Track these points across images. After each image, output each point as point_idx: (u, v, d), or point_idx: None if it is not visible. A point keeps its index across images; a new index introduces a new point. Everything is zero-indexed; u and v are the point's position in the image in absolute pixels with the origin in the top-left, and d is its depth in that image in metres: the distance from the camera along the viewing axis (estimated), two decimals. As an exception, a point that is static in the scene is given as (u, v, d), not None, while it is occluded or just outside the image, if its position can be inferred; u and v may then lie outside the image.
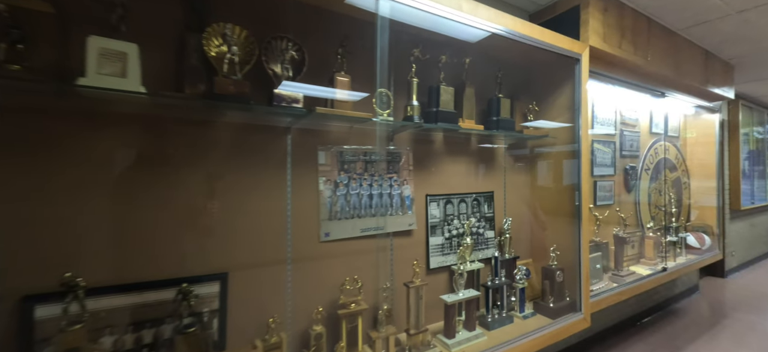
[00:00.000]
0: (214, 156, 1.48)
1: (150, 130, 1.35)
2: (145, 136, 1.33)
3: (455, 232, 2.20)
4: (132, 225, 1.32)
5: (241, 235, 1.53)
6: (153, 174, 1.35)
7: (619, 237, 2.99)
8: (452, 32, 1.89)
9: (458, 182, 2.24)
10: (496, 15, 1.86)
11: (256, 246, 1.56)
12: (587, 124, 2.27)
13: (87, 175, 1.25)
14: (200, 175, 1.45)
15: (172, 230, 1.39)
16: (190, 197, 1.43)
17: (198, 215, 1.45)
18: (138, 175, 1.33)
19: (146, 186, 1.34)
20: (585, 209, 2.24)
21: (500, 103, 2.20)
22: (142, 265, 1.34)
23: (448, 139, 2.19)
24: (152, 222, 1.35)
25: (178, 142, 1.40)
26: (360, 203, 1.85)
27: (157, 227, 1.36)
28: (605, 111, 3.17)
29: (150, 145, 1.35)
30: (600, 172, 3.13)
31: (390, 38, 1.89)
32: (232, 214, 1.51)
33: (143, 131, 1.33)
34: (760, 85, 4.74)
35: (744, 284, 4.96)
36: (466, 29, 1.83)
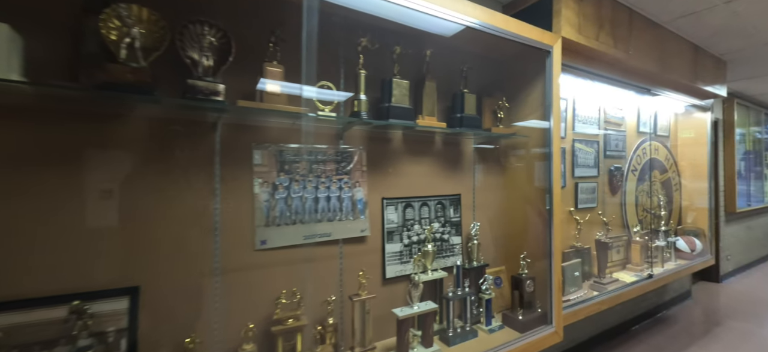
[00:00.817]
0: (126, 154, 1.32)
1: (40, 125, 1.19)
2: (30, 131, 1.17)
3: (416, 238, 2.03)
4: (18, 233, 1.16)
5: (158, 244, 1.37)
6: (44, 174, 1.19)
7: (601, 242, 2.82)
8: (409, 20, 1.73)
9: (420, 184, 2.07)
10: (458, 2, 1.69)
11: (176, 256, 1.40)
12: (559, 122, 2.10)
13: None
14: (107, 175, 1.29)
15: (73, 239, 1.23)
16: (95, 201, 1.27)
17: (104, 221, 1.28)
18: (23, 175, 1.17)
19: (36, 188, 1.18)
20: (557, 213, 2.07)
21: (464, 98, 2.03)
22: (33, 278, 1.17)
23: (408, 137, 2.03)
24: (44, 229, 1.19)
25: (77, 138, 1.24)
26: (303, 207, 1.69)
27: (53, 235, 1.20)
28: (588, 109, 3.01)
29: (39, 142, 1.18)
30: (582, 174, 2.96)
31: (340, 28, 1.74)
32: (146, 220, 1.35)
33: (28, 126, 1.17)
34: (756, 83, 4.56)
35: (739, 289, 4.78)
36: (427, 18, 1.67)
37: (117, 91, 1.12)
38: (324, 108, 1.58)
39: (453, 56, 2.11)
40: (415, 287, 1.76)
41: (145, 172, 1.34)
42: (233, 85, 1.47)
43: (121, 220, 1.30)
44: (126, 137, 1.32)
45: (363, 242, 1.86)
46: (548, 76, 2.08)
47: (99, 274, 1.27)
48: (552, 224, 2.05)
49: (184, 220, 1.42)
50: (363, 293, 1.63)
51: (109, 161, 1.29)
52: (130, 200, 1.32)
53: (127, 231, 1.31)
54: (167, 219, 1.39)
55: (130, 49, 1.17)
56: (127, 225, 1.31)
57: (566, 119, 2.83)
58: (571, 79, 2.62)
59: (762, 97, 5.31)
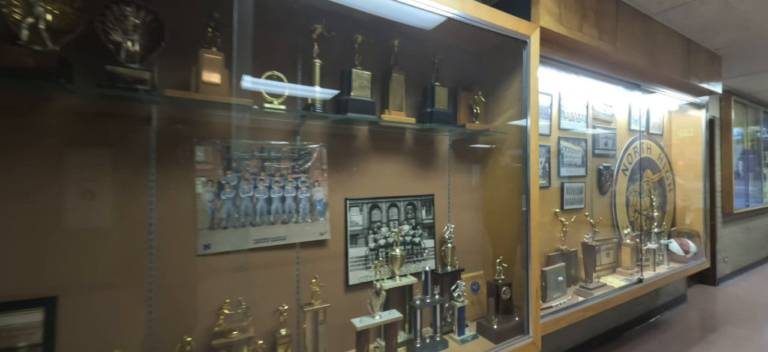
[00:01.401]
0: (42, 150, 1.19)
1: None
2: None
3: (383, 241, 1.90)
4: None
5: (82, 249, 1.24)
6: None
7: (588, 245, 2.68)
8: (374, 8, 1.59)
9: (389, 184, 1.94)
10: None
11: (103, 263, 1.27)
12: (537, 118, 1.97)
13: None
14: (19, 174, 1.16)
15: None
16: (6, 204, 1.14)
17: (14, 224, 1.15)
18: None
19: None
20: (535, 214, 1.94)
21: (435, 92, 1.90)
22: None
23: (375, 134, 1.90)
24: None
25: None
26: (254, 208, 1.55)
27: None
28: (575, 105, 2.87)
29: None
30: (568, 173, 2.82)
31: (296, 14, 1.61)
32: (67, 223, 1.22)
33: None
34: (753, 80, 4.42)
35: (737, 293, 4.63)
36: (393, 4, 1.53)
37: (12, 76, 0.99)
38: (273, 100, 1.44)
39: (425, 48, 1.98)
40: (377, 294, 1.63)
41: (64, 170, 1.21)
42: (169, 75, 1.35)
43: (35, 223, 1.17)
44: (43, 130, 1.19)
45: (323, 246, 1.73)
46: (526, 68, 1.95)
47: (8, 283, 1.13)
48: (529, 227, 1.91)
49: (113, 223, 1.29)
50: (316, 302, 1.50)
51: (19, 158, 1.16)
52: (48, 201, 1.19)
53: (43, 235, 1.18)
54: (93, 222, 1.26)
55: (33, 30, 1.04)
56: (42, 229, 1.18)
57: (551, 116, 2.69)
58: (554, 73, 2.49)
59: (760, 94, 5.17)
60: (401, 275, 1.88)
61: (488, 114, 2.21)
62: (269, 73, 1.44)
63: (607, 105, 3.13)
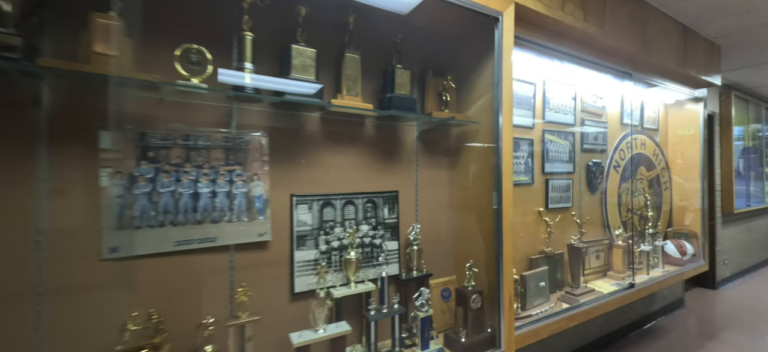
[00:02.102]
0: None
1: None
2: None
3: (337, 243, 1.68)
4: None
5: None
6: None
7: (574, 247, 2.47)
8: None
9: (344, 179, 1.73)
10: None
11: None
12: (510, 106, 1.75)
13: None
14: None
15: None
16: None
17: None
18: None
19: None
20: (507, 214, 1.72)
21: (395, 75, 1.69)
22: None
23: (329, 121, 1.68)
24: None
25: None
26: (176, 205, 1.34)
27: None
28: (561, 96, 2.66)
29: None
30: (553, 169, 2.61)
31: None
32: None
33: None
34: (755, 73, 4.20)
35: (737, 296, 4.41)
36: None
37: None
38: (192, 78, 1.23)
39: (388, 27, 1.77)
40: (320, 305, 1.42)
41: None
42: (64, 45, 1.14)
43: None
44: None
45: (263, 249, 1.52)
46: (498, 50, 1.73)
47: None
48: (501, 227, 1.70)
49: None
50: (243, 315, 1.29)
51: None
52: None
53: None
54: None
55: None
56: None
57: (534, 107, 2.48)
58: (537, 59, 2.28)
59: (762, 89, 4.94)
60: (357, 282, 1.67)
61: (460, 102, 1.99)
62: (185, 46, 1.23)
63: (598, 96, 2.91)
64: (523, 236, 2.42)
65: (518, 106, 2.39)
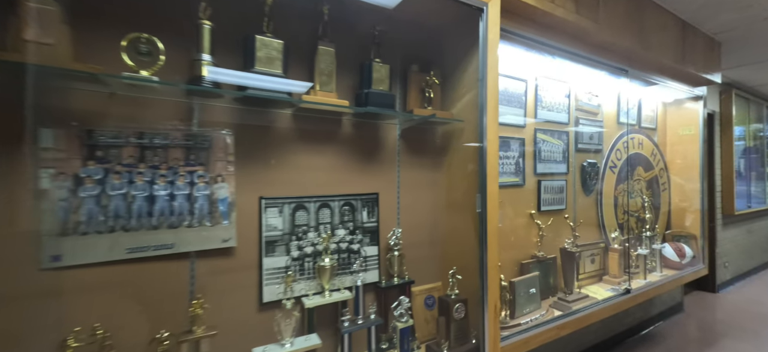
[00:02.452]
0: None
1: None
2: None
3: (310, 249, 1.58)
4: None
5: None
6: None
7: (567, 252, 2.36)
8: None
9: (319, 180, 1.62)
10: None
11: None
12: (496, 103, 1.65)
13: None
14: None
15: None
16: None
17: None
18: None
19: None
20: (492, 217, 1.62)
21: (373, 70, 1.59)
22: None
23: (303, 120, 1.58)
24: None
25: None
26: (129, 209, 1.24)
27: None
28: (554, 94, 2.55)
29: None
30: (547, 170, 2.50)
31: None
32: None
33: None
34: (756, 71, 4.09)
35: (738, 300, 4.30)
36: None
37: None
38: (141, 70, 1.13)
39: (367, 18, 1.66)
40: (287, 316, 1.31)
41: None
42: None
43: None
44: None
45: (228, 256, 1.41)
46: (482, 43, 1.63)
47: None
48: (485, 232, 1.59)
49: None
50: (198, 329, 1.18)
51: None
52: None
53: None
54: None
55: None
56: None
57: (526, 105, 2.37)
58: (528, 54, 2.17)
59: (763, 88, 4.83)
60: (332, 290, 1.56)
61: (446, 99, 1.89)
62: (133, 35, 1.12)
63: (593, 94, 2.80)
64: (513, 239, 2.32)
65: (509, 104, 2.28)
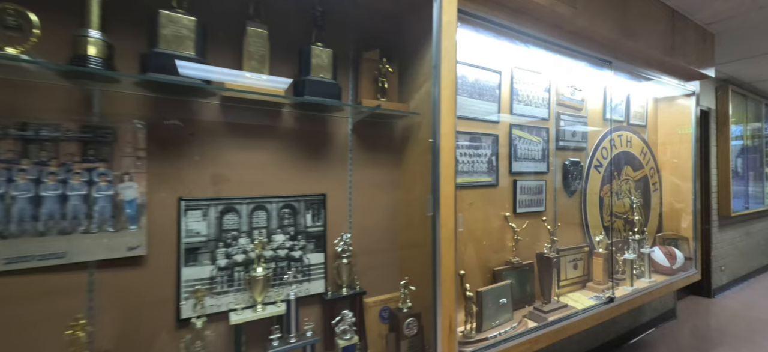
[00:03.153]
0: None
1: None
2: None
3: (241, 257, 1.40)
4: None
5: None
6: None
7: (544, 258, 2.17)
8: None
9: (254, 180, 1.44)
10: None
11: None
12: (453, 93, 1.47)
13: None
14: None
15: None
16: None
17: None
18: None
19: None
20: (446, 221, 1.44)
21: (312, 54, 1.41)
22: None
23: (232, 110, 1.40)
24: None
25: None
26: (7, 212, 1.06)
27: None
28: (532, 86, 2.37)
29: None
30: (524, 169, 2.32)
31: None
32: None
33: None
34: (753, 66, 3.91)
35: (735, 306, 4.11)
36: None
37: None
38: (4, 46, 0.95)
39: None
40: (197, 337, 1.13)
41: None
42: None
43: None
44: None
45: (137, 266, 1.23)
46: (436, 26, 1.45)
47: None
48: (438, 239, 1.41)
49: None
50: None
51: None
52: None
53: None
54: None
55: None
56: None
57: (500, 98, 2.19)
58: (501, 43, 1.99)
59: (761, 84, 4.64)
60: (266, 303, 1.38)
61: (405, 90, 1.71)
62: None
63: (576, 88, 2.62)
64: (485, 244, 2.14)
65: (480, 98, 2.10)
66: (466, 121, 2.05)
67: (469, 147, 2.06)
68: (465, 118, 2.04)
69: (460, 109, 2.02)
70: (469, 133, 2.06)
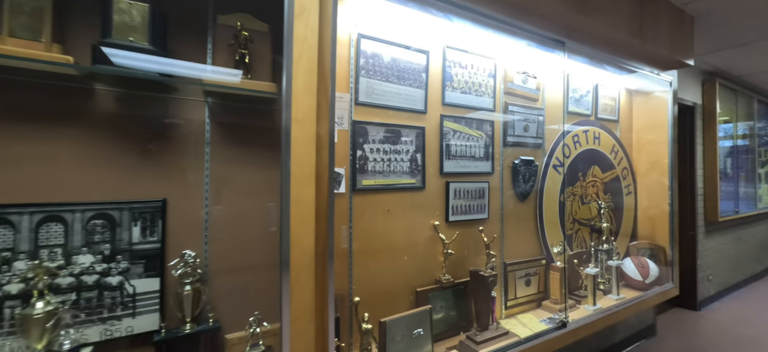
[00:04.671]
0: None
1: None
2: None
3: (17, 288, 1.03)
4: None
5: None
6: None
7: (478, 276, 1.80)
8: None
9: (44, 180, 1.07)
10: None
11: None
12: (313, 65, 1.10)
13: None
14: None
15: None
16: None
17: None
18: None
19: None
20: (300, 237, 1.06)
21: (113, 9, 1.04)
22: None
23: (10, 86, 1.03)
24: None
25: None
26: None
27: None
28: (472, 72, 2.00)
29: None
30: (458, 169, 1.95)
31: None
32: None
33: None
34: (741, 56, 3.54)
35: (722, 320, 3.74)
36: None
37: None
38: None
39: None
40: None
41: None
42: None
43: None
44: None
45: None
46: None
47: None
48: (287, 261, 1.03)
49: None
50: None
51: None
52: None
53: None
54: None
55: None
56: None
57: (427, 84, 1.83)
58: (423, 16, 1.62)
59: (751, 77, 4.28)
60: (57, 349, 1.01)
61: (279, 64, 1.34)
62: None
63: (528, 75, 2.25)
64: (407, 259, 1.77)
65: (400, 82, 1.73)
66: (379, 111, 1.68)
67: (384, 141, 1.69)
68: (378, 107, 1.68)
69: (370, 94, 1.65)
70: (384, 125, 1.69)
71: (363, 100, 1.63)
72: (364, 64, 1.63)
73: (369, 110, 1.65)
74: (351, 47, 1.60)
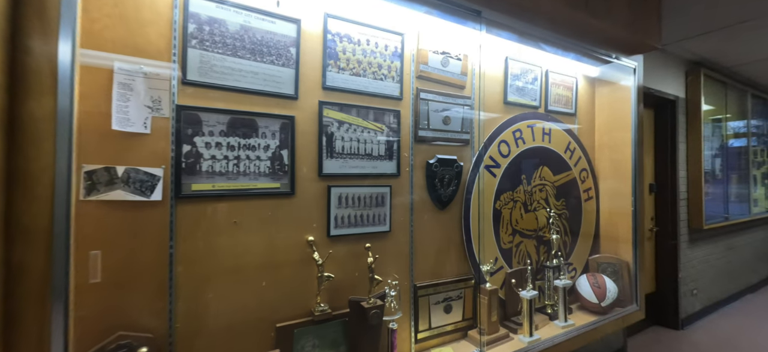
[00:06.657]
0: None
1: None
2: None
3: None
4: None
5: None
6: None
7: (358, 307, 1.40)
8: None
9: None
10: None
11: None
12: None
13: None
14: None
15: None
16: None
17: None
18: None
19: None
20: None
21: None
22: None
23: None
24: None
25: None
26: None
27: None
28: (367, 48, 1.61)
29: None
30: (345, 170, 1.55)
31: None
32: None
33: None
34: (729, 41, 3.11)
35: (705, 342, 3.31)
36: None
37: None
38: None
39: None
40: None
41: None
42: None
43: None
44: None
45: None
46: None
47: None
48: None
49: None
50: None
51: None
52: None
53: None
54: None
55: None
56: None
57: (298, 62, 1.44)
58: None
59: (744, 67, 3.84)
60: None
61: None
62: None
63: (450, 56, 1.85)
64: (265, 285, 1.38)
65: (256, 58, 1.35)
66: (222, 94, 1.30)
67: (228, 134, 1.30)
68: (219, 88, 1.29)
69: (207, 73, 1.27)
70: (230, 112, 1.31)
71: (194, 79, 1.25)
72: (196, 31, 1.25)
73: (205, 92, 1.27)
74: (175, 7, 1.22)
